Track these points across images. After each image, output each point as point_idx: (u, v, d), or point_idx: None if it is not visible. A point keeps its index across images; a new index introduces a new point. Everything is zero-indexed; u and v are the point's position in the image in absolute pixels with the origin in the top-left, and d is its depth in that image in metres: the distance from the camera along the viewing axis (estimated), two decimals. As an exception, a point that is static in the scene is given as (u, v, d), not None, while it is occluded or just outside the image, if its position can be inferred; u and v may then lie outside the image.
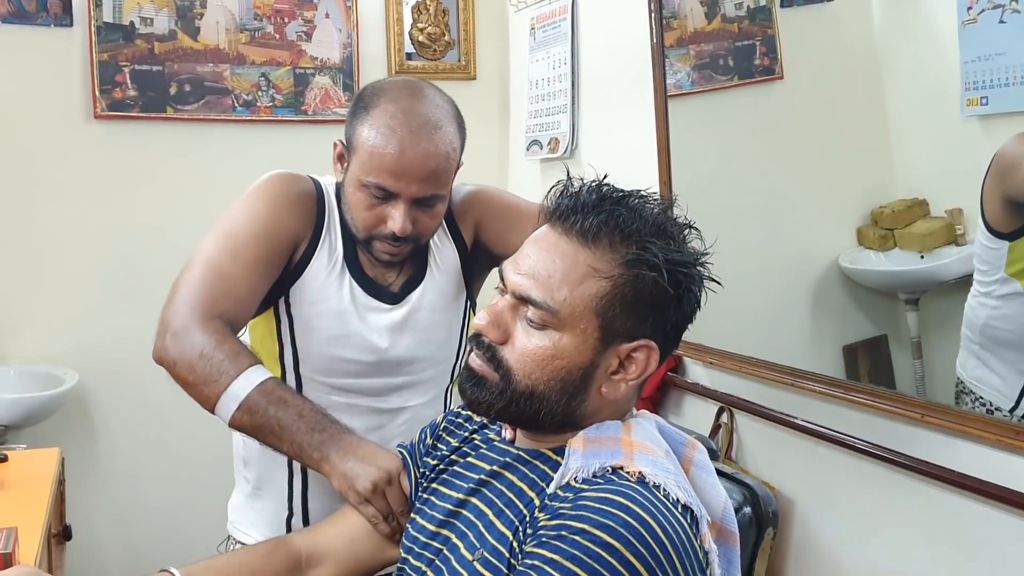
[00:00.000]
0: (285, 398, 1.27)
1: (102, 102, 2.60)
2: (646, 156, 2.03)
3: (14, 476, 1.64)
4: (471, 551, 1.04)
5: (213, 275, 1.32)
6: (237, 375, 1.25)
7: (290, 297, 1.41)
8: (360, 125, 1.35)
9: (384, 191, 1.33)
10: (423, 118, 1.34)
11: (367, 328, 1.42)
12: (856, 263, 1.82)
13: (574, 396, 1.04)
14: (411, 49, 2.89)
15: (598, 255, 1.01)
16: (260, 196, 1.40)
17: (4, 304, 2.57)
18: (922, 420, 1.35)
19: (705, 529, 0.99)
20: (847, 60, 1.86)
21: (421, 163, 1.32)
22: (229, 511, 1.57)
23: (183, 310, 1.29)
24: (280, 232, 1.38)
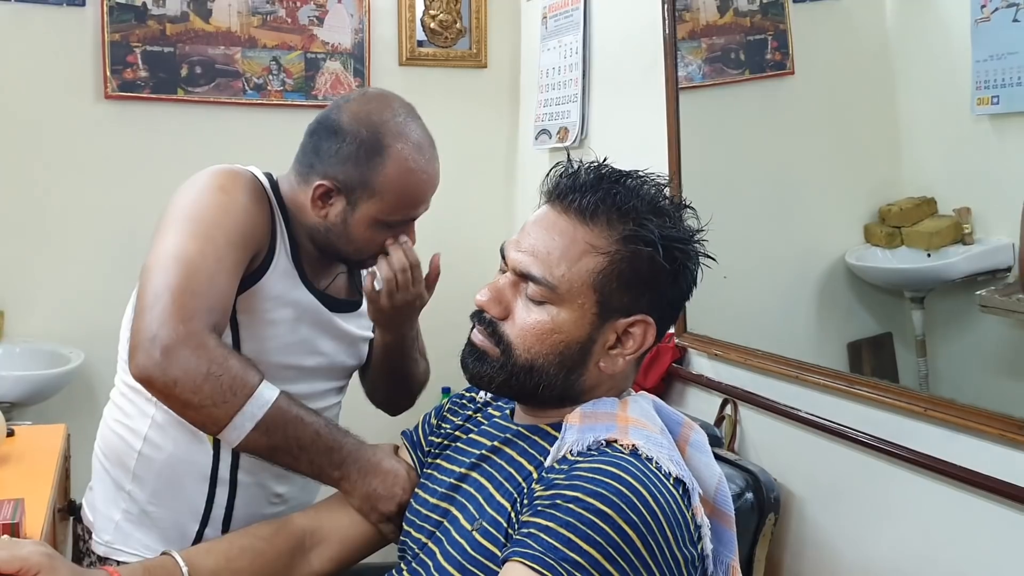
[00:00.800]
0: (300, 416, 1.24)
1: (113, 82, 2.60)
2: (656, 148, 2.03)
3: (20, 450, 1.65)
4: (470, 522, 1.06)
5: (191, 277, 1.22)
6: (251, 394, 1.20)
7: (238, 304, 1.33)
8: (375, 171, 1.34)
9: (407, 220, 1.40)
10: (428, 141, 1.40)
11: (314, 334, 1.43)
12: (862, 260, 1.83)
13: (572, 370, 1.07)
14: (422, 36, 2.89)
15: (596, 232, 1.04)
16: (223, 191, 1.32)
17: (11, 282, 2.58)
18: (925, 414, 1.35)
19: (697, 502, 1.01)
20: (858, 57, 1.86)
21: (434, 184, 1.41)
22: (98, 530, 1.44)
23: (171, 323, 1.18)
24: (251, 228, 1.32)
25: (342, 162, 1.35)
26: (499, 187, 3.01)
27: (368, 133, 1.35)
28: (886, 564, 1.45)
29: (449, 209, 2.94)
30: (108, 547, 1.42)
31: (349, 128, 1.36)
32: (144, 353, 1.18)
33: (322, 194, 1.37)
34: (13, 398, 2.26)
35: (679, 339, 1.99)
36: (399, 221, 1.39)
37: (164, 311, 1.19)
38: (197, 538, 1.40)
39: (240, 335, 1.35)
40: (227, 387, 1.18)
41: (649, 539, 0.92)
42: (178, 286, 1.21)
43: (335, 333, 1.46)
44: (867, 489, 1.50)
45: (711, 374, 1.91)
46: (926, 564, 1.39)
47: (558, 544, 0.90)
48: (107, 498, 1.45)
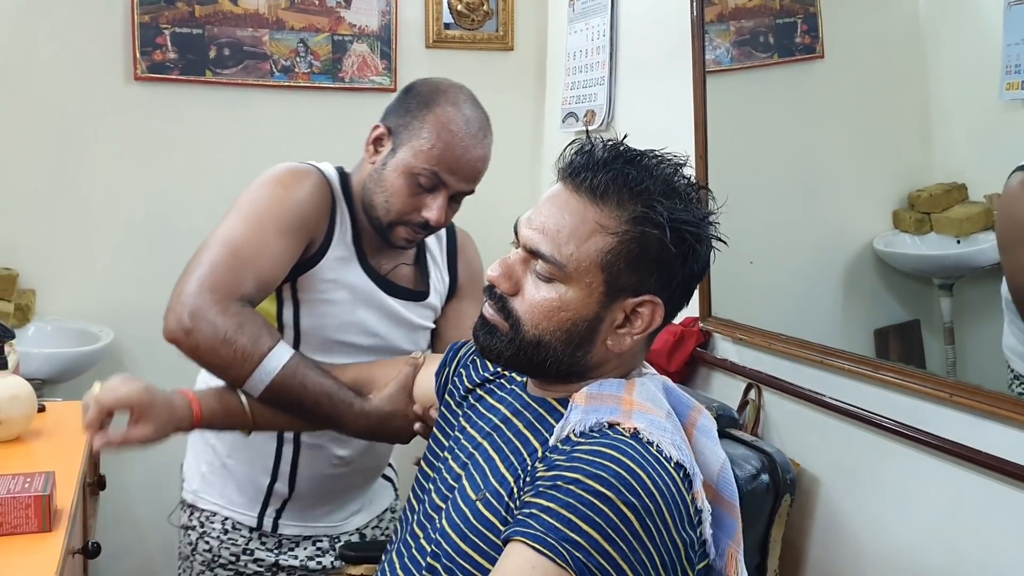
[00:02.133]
0: (305, 383, 1.36)
1: (142, 64, 2.63)
2: (683, 131, 2.02)
3: (51, 426, 1.68)
4: (475, 491, 1.09)
5: (237, 256, 1.37)
6: (259, 361, 1.33)
7: (298, 284, 1.49)
8: (419, 119, 1.46)
9: (435, 180, 1.46)
10: (480, 124, 1.49)
11: (371, 316, 1.55)
12: (891, 246, 1.81)
13: (579, 347, 1.08)
14: (449, 19, 2.89)
15: (605, 212, 1.05)
16: (283, 186, 1.47)
17: (42, 261, 2.62)
18: (951, 400, 1.34)
19: (698, 487, 1.02)
20: (889, 40, 1.84)
21: (474, 164, 1.48)
22: (188, 481, 1.66)
23: (202, 291, 1.33)
24: (306, 223, 1.46)
25: (399, 110, 1.50)
26: (525, 170, 3.01)
27: (428, 92, 1.49)
28: (910, 550, 1.45)
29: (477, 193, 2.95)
30: (195, 495, 1.65)
31: (417, 88, 1.52)
32: (174, 317, 1.34)
33: (376, 138, 1.52)
34: (44, 375, 2.29)
35: (703, 323, 1.99)
36: (429, 179, 1.45)
37: (197, 281, 1.34)
38: (268, 491, 1.58)
39: (300, 311, 1.51)
40: (240, 353, 1.33)
41: (648, 521, 0.93)
42: (217, 261, 1.36)
43: (392, 317, 1.57)
44: (891, 475, 1.49)
45: (735, 359, 1.90)
46: (950, 551, 1.38)
47: (559, 525, 0.91)
48: (196, 452, 1.66)
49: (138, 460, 2.71)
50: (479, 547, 1.03)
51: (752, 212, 2.00)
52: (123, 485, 2.60)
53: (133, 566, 2.77)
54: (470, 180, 1.50)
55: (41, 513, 1.22)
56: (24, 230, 2.61)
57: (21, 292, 2.54)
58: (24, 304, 2.51)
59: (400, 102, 1.52)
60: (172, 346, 1.39)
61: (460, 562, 1.04)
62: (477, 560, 1.03)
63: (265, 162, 1.96)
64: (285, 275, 1.45)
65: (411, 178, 1.46)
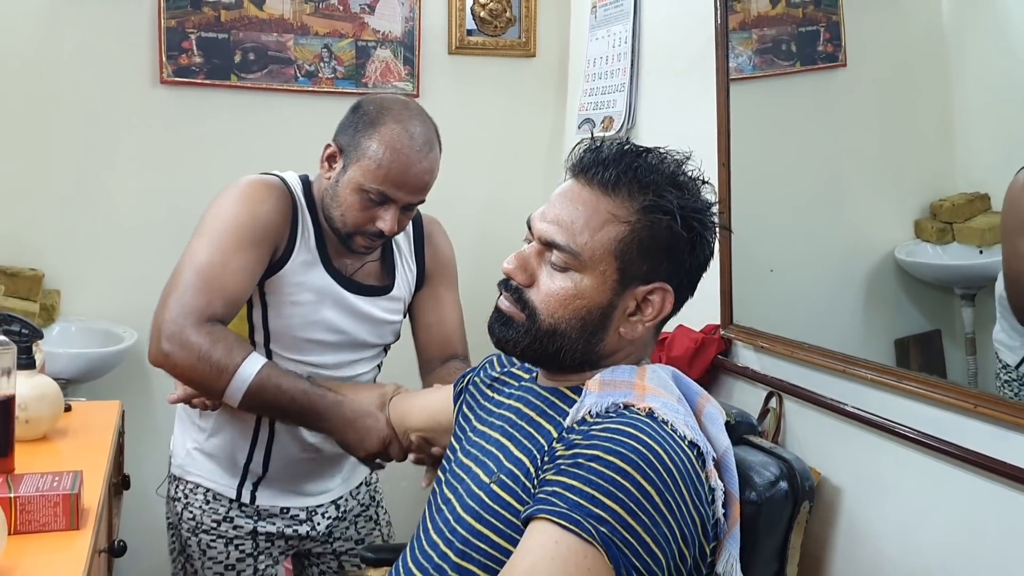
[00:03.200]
0: (279, 386, 1.51)
1: (168, 68, 2.65)
2: (705, 138, 2.02)
3: (77, 425, 1.70)
4: (489, 475, 1.13)
5: (203, 278, 1.50)
6: (233, 373, 1.47)
7: (265, 287, 1.62)
8: (366, 138, 1.56)
9: (383, 196, 1.56)
10: (424, 138, 1.58)
11: (336, 315, 1.66)
12: (912, 256, 1.80)
13: (593, 334, 1.13)
14: (472, 25, 2.90)
15: (617, 203, 1.10)
16: (242, 201, 1.58)
17: (68, 262, 2.64)
18: (975, 411, 1.34)
19: (711, 466, 1.06)
20: (913, 49, 1.83)
21: (420, 178, 1.57)
22: (175, 455, 1.80)
23: (176, 316, 1.47)
24: (267, 236, 1.57)
25: (348, 130, 1.60)
26: (544, 176, 3.01)
27: (374, 111, 1.58)
28: (931, 561, 1.44)
29: (494, 197, 2.97)
30: (181, 469, 1.78)
31: (364, 107, 1.61)
32: (154, 343, 1.50)
33: (328, 156, 1.63)
34: (68, 375, 2.31)
35: (725, 331, 1.99)
36: (378, 195, 1.56)
37: (170, 307, 1.49)
38: (244, 469, 1.72)
39: (268, 313, 1.64)
40: (213, 371, 1.47)
41: (667, 495, 0.96)
42: (185, 287, 1.50)
43: (357, 314, 1.69)
44: (913, 485, 1.49)
45: (756, 366, 1.90)
46: (971, 562, 1.38)
47: (582, 501, 0.94)
48: (183, 430, 1.79)
49: (159, 461, 2.73)
50: (495, 527, 1.06)
51: (774, 220, 2.00)
52: (145, 486, 2.62)
53: (153, 566, 2.78)
54: (417, 192, 1.59)
55: (69, 511, 1.23)
56: (50, 231, 2.63)
57: (46, 292, 2.57)
58: (49, 304, 2.54)
59: (349, 121, 1.61)
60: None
61: (475, 543, 1.07)
62: (493, 539, 1.06)
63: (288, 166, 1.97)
64: (252, 286, 1.57)
65: (362, 194, 1.56)
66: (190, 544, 1.76)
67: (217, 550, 1.75)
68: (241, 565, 1.76)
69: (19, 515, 1.21)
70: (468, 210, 2.95)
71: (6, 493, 1.21)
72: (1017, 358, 1.47)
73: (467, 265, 2.97)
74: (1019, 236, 1.48)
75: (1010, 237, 1.50)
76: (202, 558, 1.75)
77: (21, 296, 2.45)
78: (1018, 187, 1.47)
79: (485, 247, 2.98)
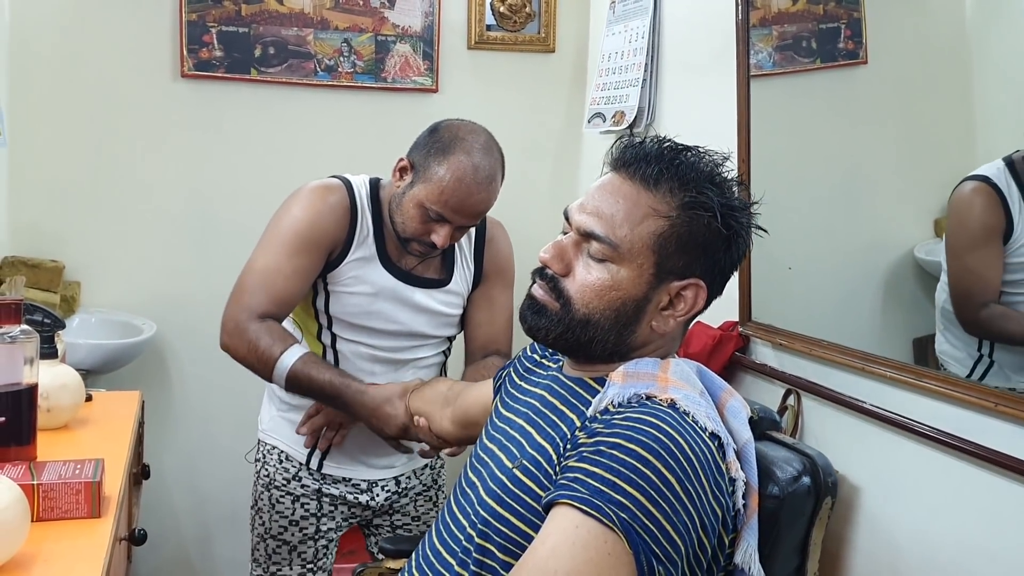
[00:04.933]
0: (311, 376, 1.72)
1: (189, 61, 2.67)
2: (725, 134, 2.02)
3: (98, 414, 1.71)
4: (512, 460, 1.14)
5: (260, 282, 1.74)
6: (276, 363, 1.71)
7: (327, 279, 1.81)
8: (435, 163, 1.72)
9: (440, 216, 1.72)
10: (486, 173, 1.74)
11: (391, 307, 1.83)
12: (932, 255, 1.79)
13: (626, 326, 1.14)
14: (492, 20, 2.91)
15: (658, 198, 1.12)
16: (302, 207, 1.77)
17: (88, 254, 2.67)
18: (995, 409, 1.33)
19: (732, 458, 1.08)
20: (934, 47, 1.82)
21: (476, 207, 1.75)
22: (261, 422, 2.00)
23: (238, 313, 1.73)
24: (321, 240, 1.77)
25: (422, 150, 1.76)
26: (564, 171, 3.02)
27: (448, 140, 1.75)
28: (950, 560, 1.44)
29: (511, 192, 2.96)
30: (264, 433, 1.98)
31: (442, 133, 1.77)
32: (222, 333, 1.76)
33: (401, 167, 1.80)
34: (88, 366, 2.33)
35: (743, 328, 1.98)
36: (437, 215, 1.72)
37: (231, 307, 1.76)
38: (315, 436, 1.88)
39: (329, 300, 1.83)
40: (261, 361, 1.73)
41: (687, 484, 0.98)
42: (244, 287, 1.75)
43: (413, 306, 1.85)
44: (932, 483, 1.48)
45: (774, 363, 1.90)
46: (992, 562, 1.37)
47: (604, 487, 0.96)
48: (269, 401, 1.99)
49: (179, 452, 2.75)
50: (517, 511, 1.08)
51: (793, 217, 1.99)
52: (164, 475, 2.65)
53: (171, 554, 2.81)
54: (472, 218, 1.76)
55: (91, 499, 1.24)
56: (71, 223, 2.66)
57: (67, 284, 2.59)
58: (70, 296, 2.56)
59: (424, 141, 1.78)
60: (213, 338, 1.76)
61: (496, 525, 1.09)
62: (515, 523, 1.08)
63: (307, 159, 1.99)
64: (306, 287, 1.79)
65: (423, 210, 1.73)
66: (262, 498, 1.94)
67: (284, 505, 1.92)
68: (304, 523, 1.92)
69: (42, 502, 1.22)
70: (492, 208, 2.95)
71: (29, 480, 1.22)
72: (966, 369, 1.49)
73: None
74: (967, 253, 1.51)
75: (957, 256, 1.52)
76: (271, 511, 1.93)
77: (42, 287, 2.47)
78: (963, 202, 1.50)
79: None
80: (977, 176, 1.49)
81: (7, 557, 1.08)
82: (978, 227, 1.49)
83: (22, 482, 1.19)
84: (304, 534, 1.92)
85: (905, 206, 1.86)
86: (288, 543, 1.92)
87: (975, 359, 1.48)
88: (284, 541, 1.92)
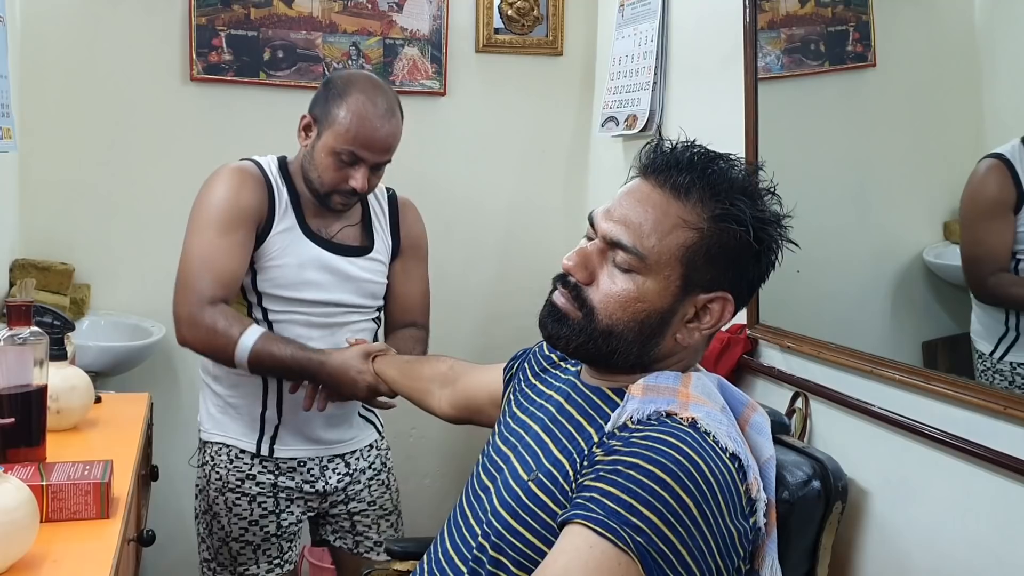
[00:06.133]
0: (272, 352, 1.75)
1: (198, 65, 2.68)
2: (732, 137, 2.02)
3: (107, 416, 1.72)
4: (527, 472, 1.12)
5: (200, 267, 1.76)
6: (236, 343, 1.72)
7: (253, 257, 1.84)
8: (335, 108, 1.79)
9: (353, 157, 1.78)
10: (387, 105, 1.81)
11: (318, 275, 1.86)
12: (941, 258, 1.79)
13: (650, 338, 1.11)
14: (499, 24, 2.91)
15: (688, 208, 1.08)
16: (221, 188, 1.82)
17: (98, 257, 2.68)
18: (1004, 412, 1.33)
19: (752, 479, 1.05)
20: (944, 50, 1.82)
21: (385, 140, 1.80)
22: (201, 423, 1.99)
23: (188, 304, 1.75)
24: (247, 213, 1.81)
25: (321, 102, 1.84)
26: (571, 175, 3.02)
27: (342, 85, 1.82)
28: (959, 564, 1.43)
29: (520, 195, 2.98)
30: (206, 433, 1.96)
31: (335, 82, 1.84)
32: (176, 330, 1.79)
33: (305, 125, 1.87)
34: (97, 368, 2.34)
35: (751, 331, 1.98)
36: (349, 155, 1.78)
37: (179, 300, 1.78)
38: (262, 420, 1.90)
39: (257, 277, 1.85)
40: (220, 346, 1.74)
41: (705, 508, 0.95)
42: (186, 277, 1.78)
43: (338, 273, 1.89)
44: (941, 487, 1.48)
45: (782, 366, 1.90)
46: (1002, 565, 1.36)
47: (620, 509, 0.94)
48: (205, 397, 1.98)
49: (185, 453, 2.76)
50: (531, 526, 1.06)
51: (802, 220, 1.98)
52: (171, 477, 2.65)
53: (179, 555, 2.81)
54: (383, 152, 1.81)
55: (100, 500, 1.25)
56: (81, 226, 2.67)
57: (77, 286, 2.60)
58: (79, 298, 2.57)
59: (321, 95, 1.85)
60: None
61: (510, 539, 1.07)
62: (528, 539, 1.06)
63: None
64: (246, 262, 1.81)
65: (335, 156, 1.79)
66: (217, 503, 1.93)
67: (242, 507, 1.92)
68: (264, 521, 1.92)
69: (51, 503, 1.23)
70: (494, 207, 2.96)
71: (38, 481, 1.23)
72: (991, 345, 1.50)
73: (491, 262, 3.00)
74: (978, 224, 1.56)
75: (970, 227, 1.58)
76: (228, 515, 1.92)
77: (52, 290, 2.48)
78: (978, 176, 1.53)
79: (510, 244, 3.00)
80: (993, 154, 1.51)
81: (17, 557, 1.09)
82: (990, 200, 1.51)
83: (31, 483, 1.20)
84: (266, 532, 1.93)
85: (914, 209, 1.86)
86: (251, 543, 1.93)
87: (1000, 334, 1.49)
88: (247, 542, 1.93)
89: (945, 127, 1.81)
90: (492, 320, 2.96)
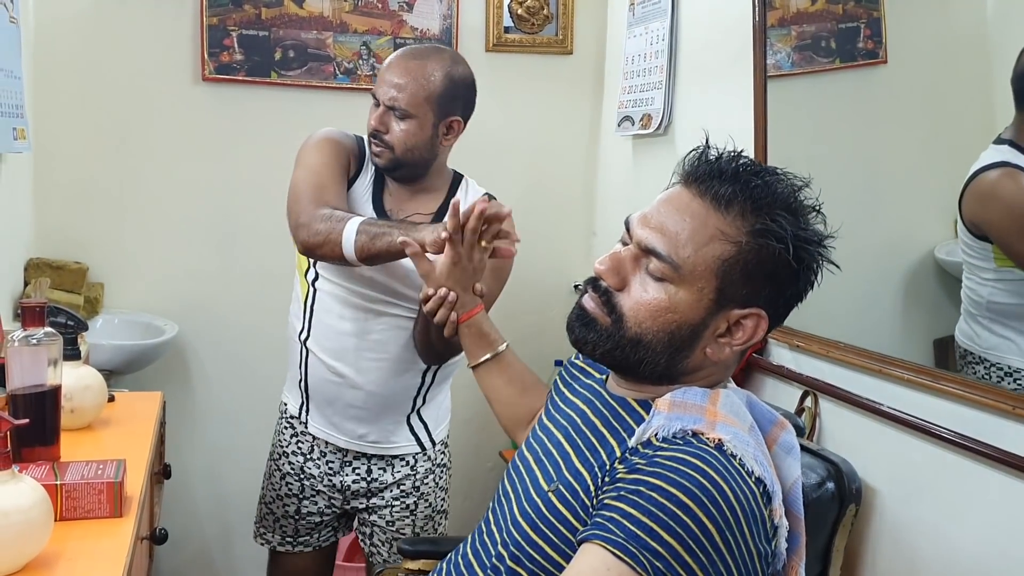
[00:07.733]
0: (371, 230, 1.70)
1: (210, 65, 2.69)
2: (742, 136, 2.01)
3: (120, 415, 1.73)
4: (548, 482, 1.10)
5: (309, 186, 1.80)
6: (340, 238, 1.70)
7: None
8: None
9: (375, 98, 1.83)
10: (416, 52, 1.85)
11: None
12: (953, 255, 1.78)
13: (679, 351, 1.08)
14: (509, 23, 2.91)
15: (728, 221, 1.05)
16: (327, 132, 1.91)
17: (112, 256, 2.70)
18: (1013, 412, 1.33)
19: (777, 504, 1.02)
20: (955, 47, 1.81)
21: (393, 76, 1.81)
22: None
23: (300, 214, 1.77)
24: (344, 151, 1.89)
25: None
26: (581, 172, 3.02)
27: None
28: (968, 563, 1.43)
29: (531, 194, 2.98)
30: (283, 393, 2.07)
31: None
32: (295, 237, 1.80)
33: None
34: (111, 366, 2.36)
35: (760, 329, 1.98)
36: (373, 99, 1.85)
37: (293, 218, 1.80)
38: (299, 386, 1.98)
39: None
40: (331, 243, 1.72)
41: (727, 534, 0.93)
42: (295, 200, 1.82)
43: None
44: (951, 486, 1.47)
45: (792, 365, 1.90)
46: (1010, 564, 1.36)
47: (640, 532, 0.92)
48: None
49: (199, 452, 2.78)
50: (549, 538, 1.05)
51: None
52: (185, 475, 2.67)
53: (191, 553, 2.84)
54: (389, 87, 1.81)
55: (113, 499, 1.26)
56: (95, 225, 2.69)
57: (91, 285, 2.62)
58: (93, 297, 2.59)
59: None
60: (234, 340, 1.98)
61: (529, 551, 1.06)
62: (546, 551, 1.05)
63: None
64: (345, 180, 1.87)
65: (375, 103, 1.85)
66: (269, 466, 2.08)
67: (275, 479, 2.05)
68: (288, 500, 2.03)
69: (65, 502, 1.24)
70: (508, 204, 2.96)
71: (52, 480, 1.24)
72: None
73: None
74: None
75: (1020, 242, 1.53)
76: (268, 479, 2.08)
77: (66, 289, 2.50)
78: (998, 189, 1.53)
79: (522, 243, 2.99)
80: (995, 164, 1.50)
81: (31, 556, 1.10)
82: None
83: (46, 482, 1.21)
84: (286, 510, 2.03)
85: (926, 206, 1.85)
86: (274, 513, 2.05)
87: None
88: (271, 511, 2.06)
89: (957, 124, 1.81)
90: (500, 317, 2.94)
